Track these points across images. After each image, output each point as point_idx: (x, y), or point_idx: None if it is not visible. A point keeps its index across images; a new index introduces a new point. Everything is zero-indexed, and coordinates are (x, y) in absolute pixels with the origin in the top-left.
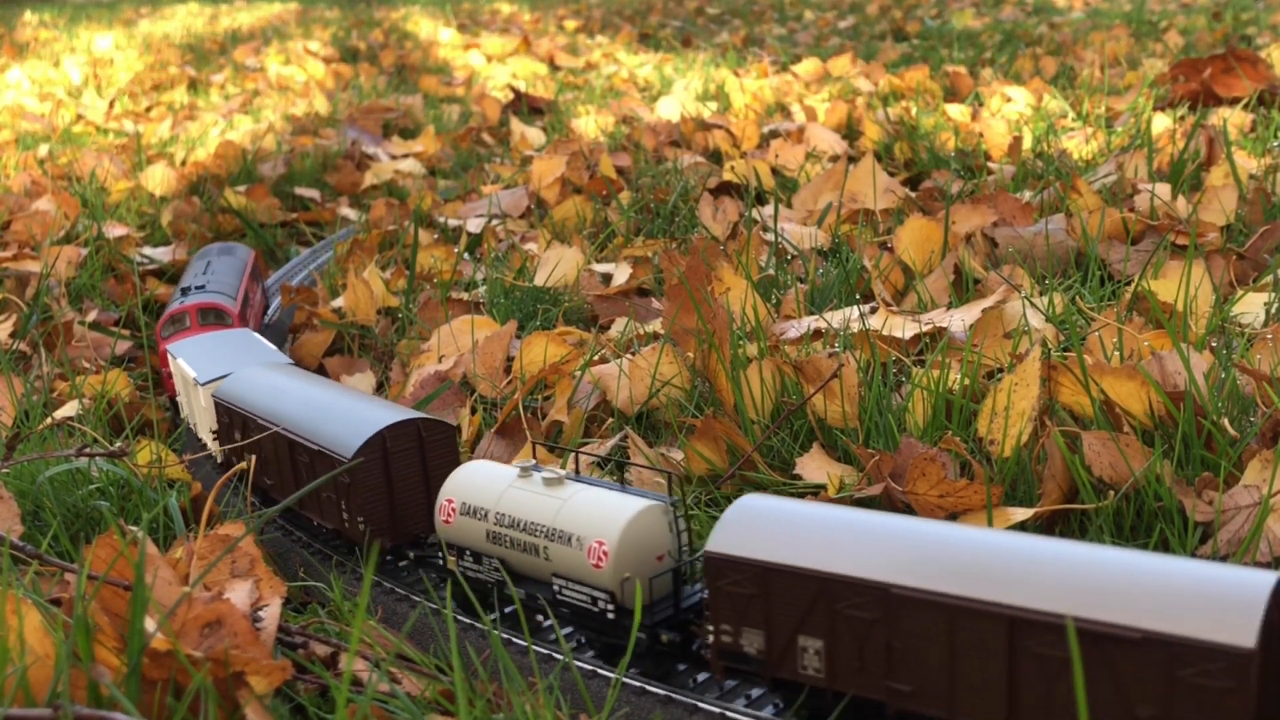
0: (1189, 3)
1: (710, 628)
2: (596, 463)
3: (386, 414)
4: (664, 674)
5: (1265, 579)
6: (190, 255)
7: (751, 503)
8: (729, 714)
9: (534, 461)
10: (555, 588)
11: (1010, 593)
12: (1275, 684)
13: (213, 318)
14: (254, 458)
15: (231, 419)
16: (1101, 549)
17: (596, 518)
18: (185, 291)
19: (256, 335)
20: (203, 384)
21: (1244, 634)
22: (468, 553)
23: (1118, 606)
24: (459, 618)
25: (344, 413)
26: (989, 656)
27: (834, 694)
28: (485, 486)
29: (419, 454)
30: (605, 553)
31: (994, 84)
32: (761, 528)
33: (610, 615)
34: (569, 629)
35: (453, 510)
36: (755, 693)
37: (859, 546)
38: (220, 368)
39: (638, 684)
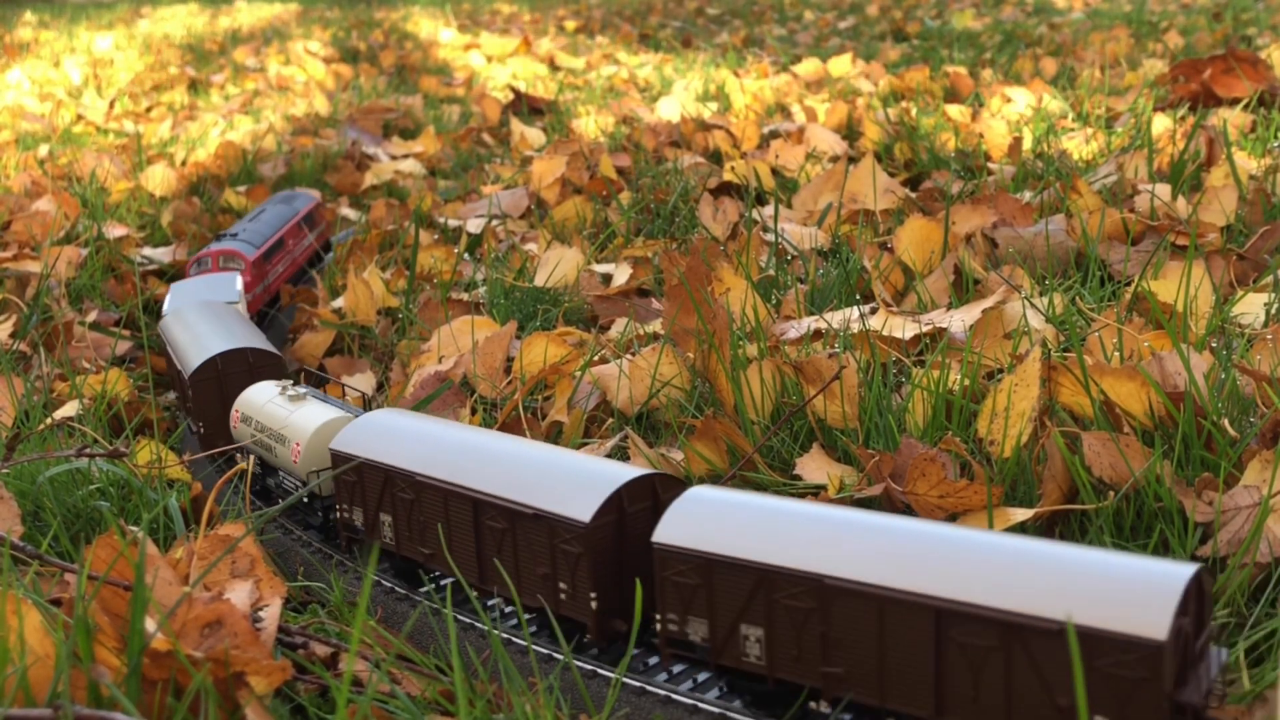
0: (1189, 3)
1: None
2: None
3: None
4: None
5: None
6: (190, 255)
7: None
8: (729, 714)
9: (292, 383)
10: (280, 477)
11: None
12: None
13: (229, 261)
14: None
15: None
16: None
17: (300, 425)
18: (220, 237)
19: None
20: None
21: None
22: (248, 450)
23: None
24: (459, 618)
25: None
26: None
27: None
28: (255, 399)
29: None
30: (298, 450)
31: (994, 84)
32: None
33: (305, 500)
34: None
35: (237, 418)
36: (762, 696)
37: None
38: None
39: (637, 684)
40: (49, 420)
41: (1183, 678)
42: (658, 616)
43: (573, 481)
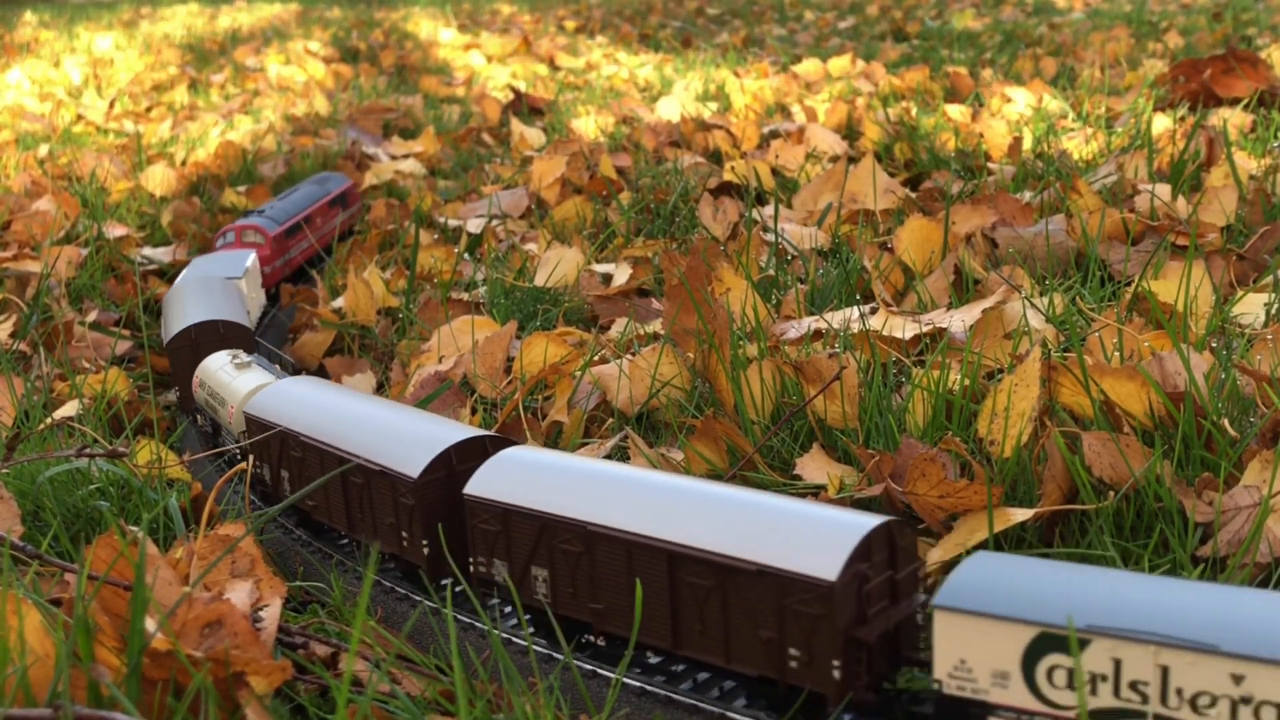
0: (1189, 3)
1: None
2: None
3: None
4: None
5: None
6: (190, 256)
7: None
8: (729, 714)
9: (241, 352)
10: (223, 435)
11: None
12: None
13: (251, 235)
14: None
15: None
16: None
17: (235, 390)
18: (249, 213)
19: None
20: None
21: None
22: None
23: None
24: (459, 618)
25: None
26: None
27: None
28: (209, 366)
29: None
30: (232, 411)
31: (994, 84)
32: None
33: (238, 455)
34: None
35: (197, 383)
36: (767, 698)
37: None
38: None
39: (637, 684)
40: (49, 420)
41: (862, 616)
42: (470, 559)
43: (410, 442)
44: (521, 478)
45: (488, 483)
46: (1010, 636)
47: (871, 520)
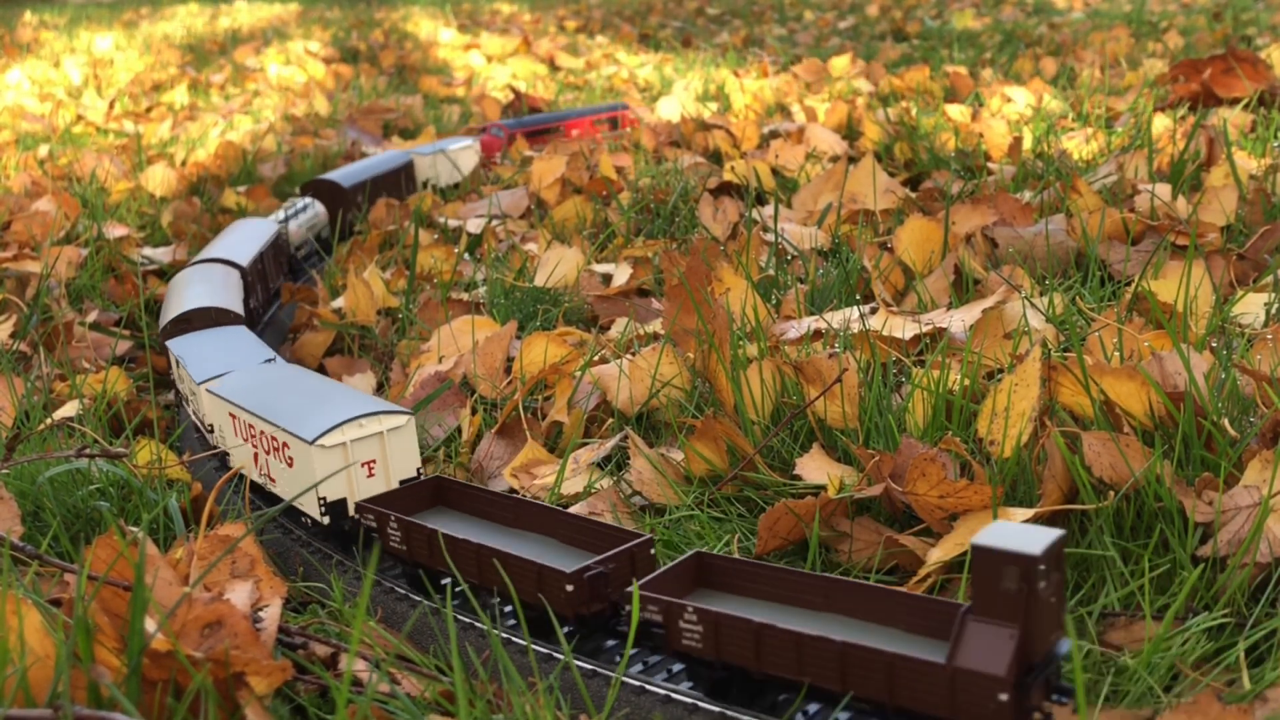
0: (1189, 3)
1: None
2: (596, 464)
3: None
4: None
5: None
6: (190, 256)
7: None
8: (729, 713)
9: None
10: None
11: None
12: None
13: (493, 132)
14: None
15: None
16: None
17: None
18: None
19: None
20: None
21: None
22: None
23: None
24: (459, 617)
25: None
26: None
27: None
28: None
29: None
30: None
31: (994, 84)
32: None
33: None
34: None
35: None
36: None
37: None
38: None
39: (637, 683)
40: (49, 420)
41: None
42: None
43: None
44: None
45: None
46: None
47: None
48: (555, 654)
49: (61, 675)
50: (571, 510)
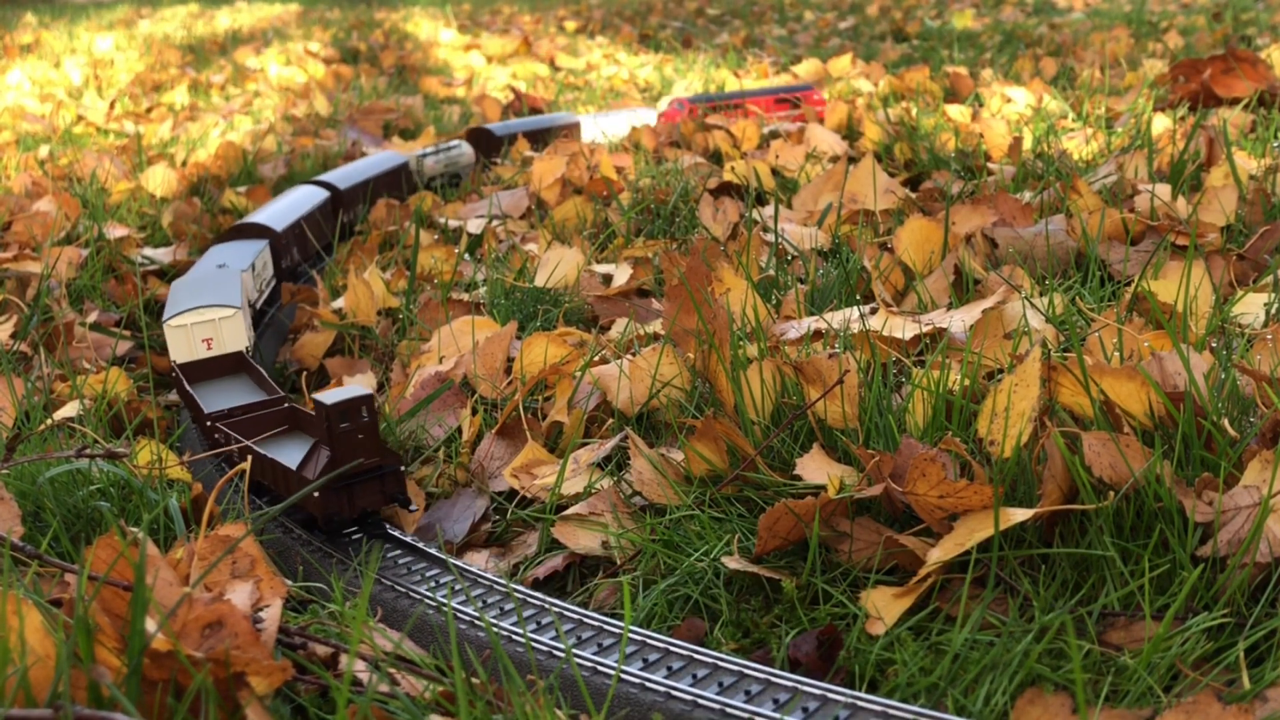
0: (1189, 3)
1: None
2: (596, 464)
3: None
4: None
5: None
6: (191, 256)
7: None
8: (729, 710)
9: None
10: None
11: None
12: None
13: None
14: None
15: None
16: None
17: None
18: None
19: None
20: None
21: None
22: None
23: None
24: (459, 616)
25: None
26: None
27: None
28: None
29: None
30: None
31: (994, 84)
32: None
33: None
34: None
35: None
36: (755, 688)
37: None
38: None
39: (637, 680)
40: (49, 421)
41: None
42: None
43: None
44: None
45: None
46: None
47: None
48: (556, 651)
49: (62, 675)
50: (571, 510)
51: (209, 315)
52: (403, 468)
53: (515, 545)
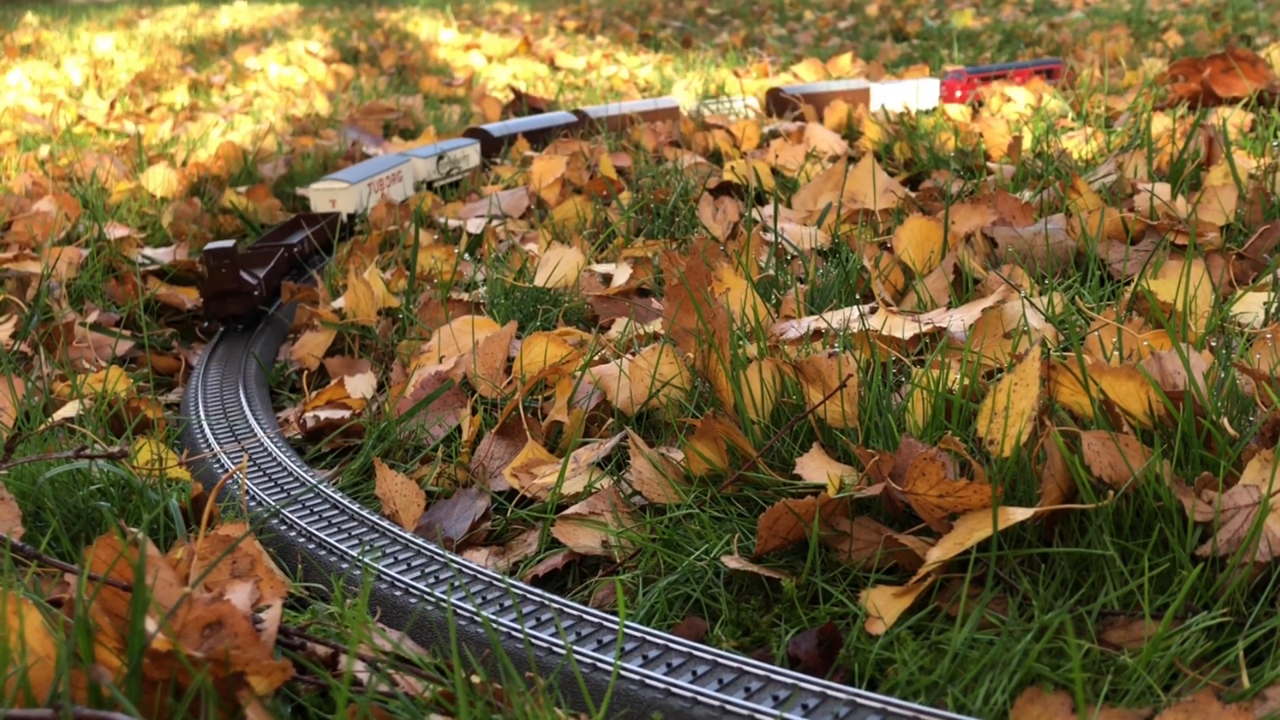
0: (1189, 2)
1: None
2: (596, 463)
3: None
4: None
5: None
6: (191, 256)
7: None
8: (729, 708)
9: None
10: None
11: None
12: None
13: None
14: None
15: None
16: None
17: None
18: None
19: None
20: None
21: None
22: None
23: None
24: (459, 613)
25: None
26: None
27: None
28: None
29: None
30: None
31: (993, 84)
32: None
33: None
34: None
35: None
36: (755, 685)
37: None
38: None
39: (637, 677)
40: (49, 421)
41: None
42: None
43: None
44: None
45: None
46: None
47: None
48: (556, 649)
49: (62, 675)
50: (571, 510)
51: (336, 185)
52: (256, 293)
53: (515, 544)
